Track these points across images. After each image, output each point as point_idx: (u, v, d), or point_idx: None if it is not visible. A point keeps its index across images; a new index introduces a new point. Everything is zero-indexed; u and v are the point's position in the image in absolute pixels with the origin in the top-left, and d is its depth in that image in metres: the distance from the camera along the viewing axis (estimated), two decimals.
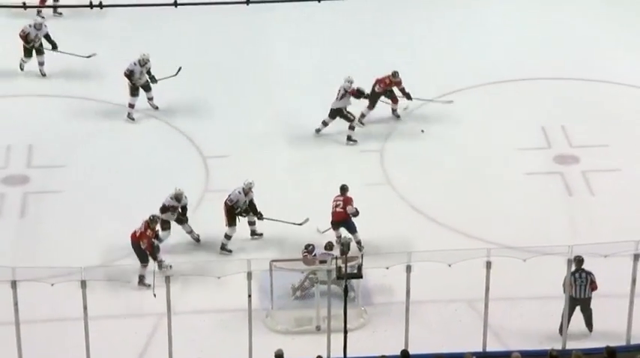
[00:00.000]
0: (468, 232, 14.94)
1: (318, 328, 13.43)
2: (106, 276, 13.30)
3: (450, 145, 16.89)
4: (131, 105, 17.43)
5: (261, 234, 15.02)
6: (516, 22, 20.30)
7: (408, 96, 17.27)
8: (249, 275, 12.44)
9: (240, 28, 19.89)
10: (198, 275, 13.40)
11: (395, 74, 17.13)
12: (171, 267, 13.42)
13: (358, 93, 16.90)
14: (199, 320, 13.67)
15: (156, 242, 14.17)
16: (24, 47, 18.46)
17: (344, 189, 14.93)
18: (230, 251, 14.71)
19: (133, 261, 13.96)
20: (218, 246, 14.78)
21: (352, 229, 14.71)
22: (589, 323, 13.17)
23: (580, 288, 12.95)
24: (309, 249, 13.85)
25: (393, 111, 17.46)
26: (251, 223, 14.97)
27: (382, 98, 17.31)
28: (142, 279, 13.93)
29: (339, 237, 14.67)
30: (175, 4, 12.74)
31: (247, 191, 14.70)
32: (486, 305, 12.70)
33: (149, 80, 17.40)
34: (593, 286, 13.02)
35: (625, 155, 16.66)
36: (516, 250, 13.22)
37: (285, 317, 13.65)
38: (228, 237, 14.77)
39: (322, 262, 13.37)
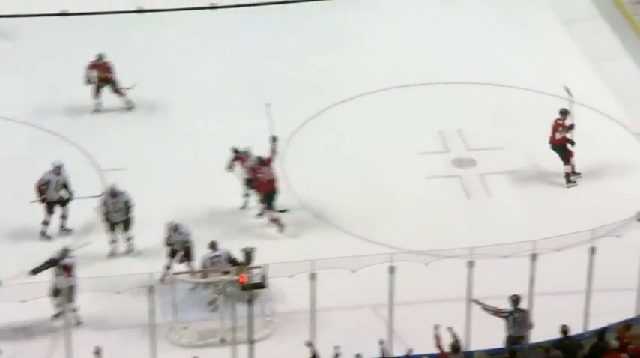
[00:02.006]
0: (370, 238, 15.01)
1: (222, 340, 13.29)
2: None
3: (349, 151, 16.92)
4: (45, 223, 14.99)
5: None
6: (411, 28, 20.42)
7: None
8: (152, 288, 12.24)
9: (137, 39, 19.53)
10: (97, 291, 13.15)
11: (564, 112, 15.92)
12: None
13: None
14: (101, 336, 13.38)
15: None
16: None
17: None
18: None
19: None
20: (112, 261, 14.41)
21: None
22: None
23: (520, 327, 12.79)
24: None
25: None
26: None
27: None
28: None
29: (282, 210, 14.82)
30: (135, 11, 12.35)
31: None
32: (391, 310, 12.75)
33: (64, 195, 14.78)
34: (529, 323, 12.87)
35: (520, 156, 16.96)
36: (418, 254, 13.33)
37: (188, 330, 13.46)
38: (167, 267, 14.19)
39: (226, 272, 13.24)
